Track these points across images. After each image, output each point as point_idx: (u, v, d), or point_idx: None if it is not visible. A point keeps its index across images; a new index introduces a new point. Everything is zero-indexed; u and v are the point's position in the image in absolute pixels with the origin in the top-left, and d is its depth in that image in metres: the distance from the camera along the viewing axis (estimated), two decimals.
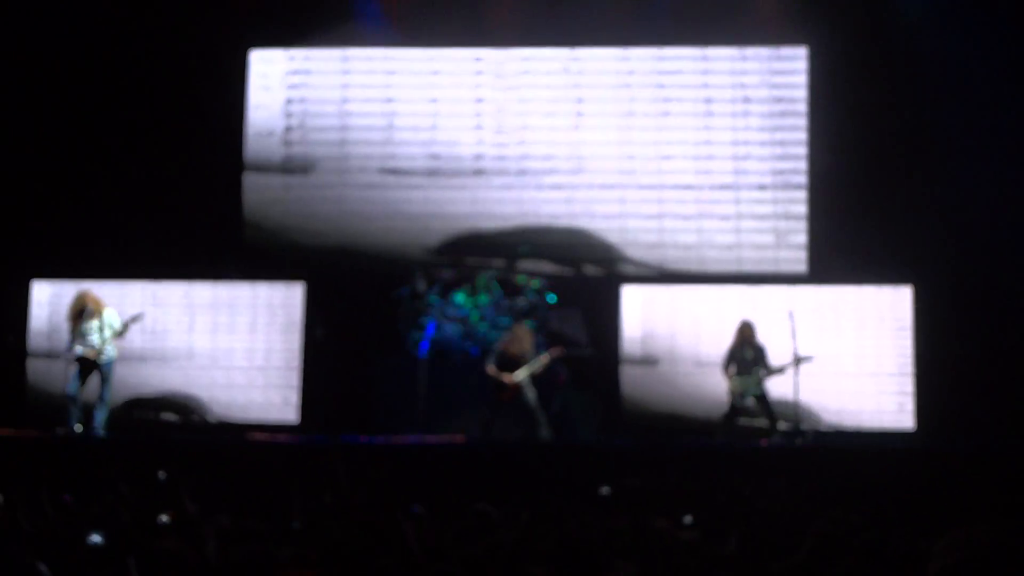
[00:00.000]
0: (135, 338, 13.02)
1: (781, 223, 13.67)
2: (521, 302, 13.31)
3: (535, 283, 13.53)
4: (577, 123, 13.94)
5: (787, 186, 13.70)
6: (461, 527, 6.54)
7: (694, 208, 13.75)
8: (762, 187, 13.73)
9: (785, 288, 13.31)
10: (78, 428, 11.74)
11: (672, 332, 13.54)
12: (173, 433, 12.70)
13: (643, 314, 13.60)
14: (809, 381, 12.54)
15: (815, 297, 13.27)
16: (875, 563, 5.15)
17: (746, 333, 12.18)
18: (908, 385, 13.09)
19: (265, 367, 13.71)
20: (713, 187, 13.77)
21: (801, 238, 13.61)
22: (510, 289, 13.46)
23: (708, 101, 13.86)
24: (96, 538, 5.56)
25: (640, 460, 10.64)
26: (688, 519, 6.94)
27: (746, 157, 13.74)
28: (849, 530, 6.26)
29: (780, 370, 11.95)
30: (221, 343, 13.80)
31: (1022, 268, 12.88)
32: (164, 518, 6.38)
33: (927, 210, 13.22)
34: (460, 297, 13.47)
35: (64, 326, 12.33)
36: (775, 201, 13.70)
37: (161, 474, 9.20)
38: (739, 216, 13.73)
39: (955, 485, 9.43)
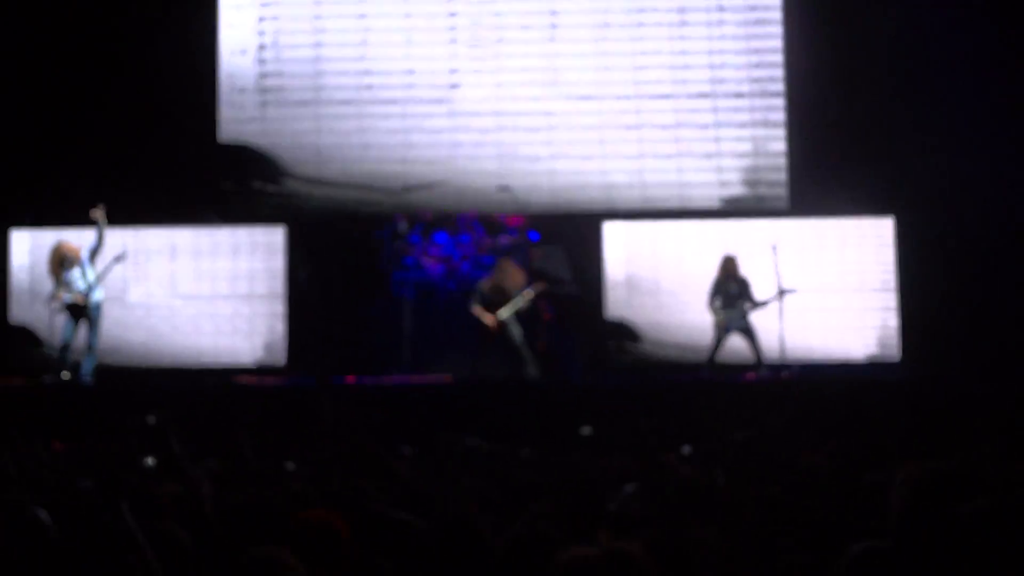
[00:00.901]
0: (117, 285, 12.99)
1: (759, 132, 13.63)
2: (503, 240, 13.29)
3: (518, 220, 13.50)
4: (552, 35, 13.82)
5: (766, 119, 13.66)
6: (452, 462, 6.60)
7: (671, 118, 13.69)
8: (739, 104, 13.68)
9: (767, 221, 13.31)
10: (65, 376, 11.74)
11: (655, 268, 13.55)
12: (161, 379, 12.67)
13: (625, 250, 13.60)
14: (793, 314, 12.61)
15: (797, 230, 13.29)
16: (850, 492, 5.22)
17: (729, 267, 12.22)
18: (892, 317, 13.17)
19: (250, 311, 13.68)
20: (690, 95, 13.70)
21: (780, 146, 13.58)
22: (492, 227, 13.44)
23: (683, 22, 13.75)
24: (89, 483, 5.60)
25: (627, 397, 10.71)
26: (687, 449, 7.02)
27: (722, 67, 13.68)
28: (837, 461, 6.34)
29: (764, 303, 12.02)
30: (204, 288, 13.75)
31: (1004, 197, 12.90)
32: (150, 461, 6.40)
33: (907, 139, 13.22)
34: (442, 236, 13.45)
35: (45, 277, 12.28)
36: (752, 120, 13.66)
37: (150, 418, 9.23)
38: (717, 125, 13.68)
39: (936, 417, 9.52)
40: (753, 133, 13.69)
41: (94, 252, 11.81)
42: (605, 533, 4.25)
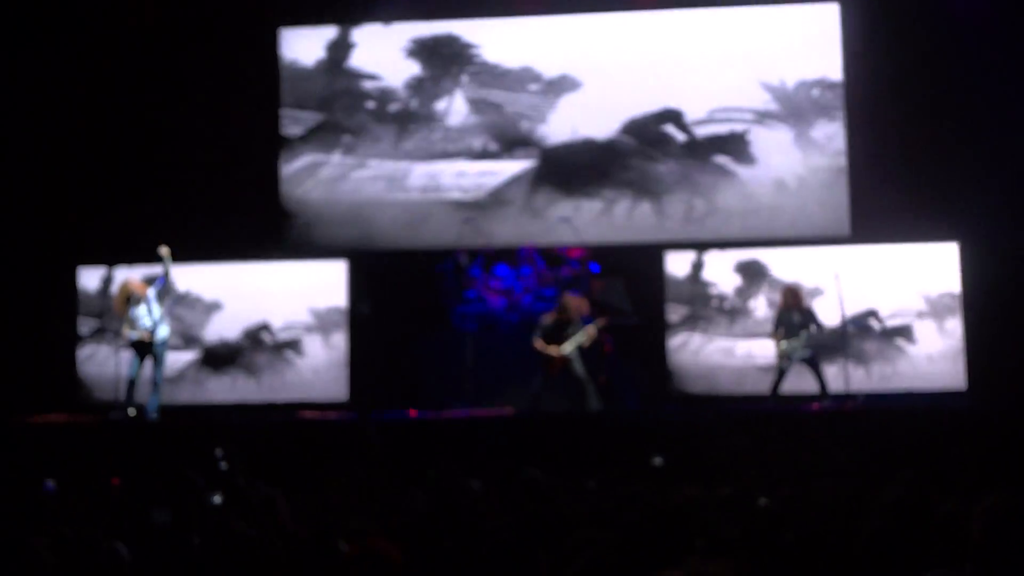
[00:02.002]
0: (184, 321, 13.18)
1: (821, 158, 13.57)
2: (564, 272, 13.27)
3: (579, 252, 13.49)
4: (620, 87, 13.89)
5: (827, 145, 13.60)
6: (513, 495, 6.58)
7: (732, 145, 13.68)
8: (800, 130, 13.63)
9: (830, 249, 13.22)
10: (131, 412, 11.85)
11: (718, 297, 13.50)
12: (226, 415, 12.77)
13: (688, 280, 13.56)
14: (858, 342, 12.52)
15: (861, 257, 13.17)
16: (924, 523, 5.15)
17: (791, 296, 12.12)
18: (958, 345, 13.00)
19: (312, 346, 13.79)
20: (752, 121, 13.69)
21: (842, 172, 13.49)
22: (552, 259, 13.43)
23: (743, 59, 13.76)
24: (162, 516, 5.64)
25: (690, 428, 10.64)
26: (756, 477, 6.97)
27: (783, 92, 13.64)
28: (913, 493, 6.26)
29: (829, 332, 11.91)
30: (269, 321, 13.87)
31: None
32: (217, 498, 6.44)
33: (971, 165, 13.09)
34: (503, 269, 13.45)
35: (113, 314, 12.44)
36: (814, 146, 13.62)
37: (218, 452, 9.30)
38: (779, 152, 13.64)
39: (1007, 445, 9.38)
40: (815, 159, 13.62)
41: (161, 291, 11.94)
42: (695, 558, 4.24)
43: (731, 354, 13.36)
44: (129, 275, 12.45)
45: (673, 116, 13.85)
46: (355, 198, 14.15)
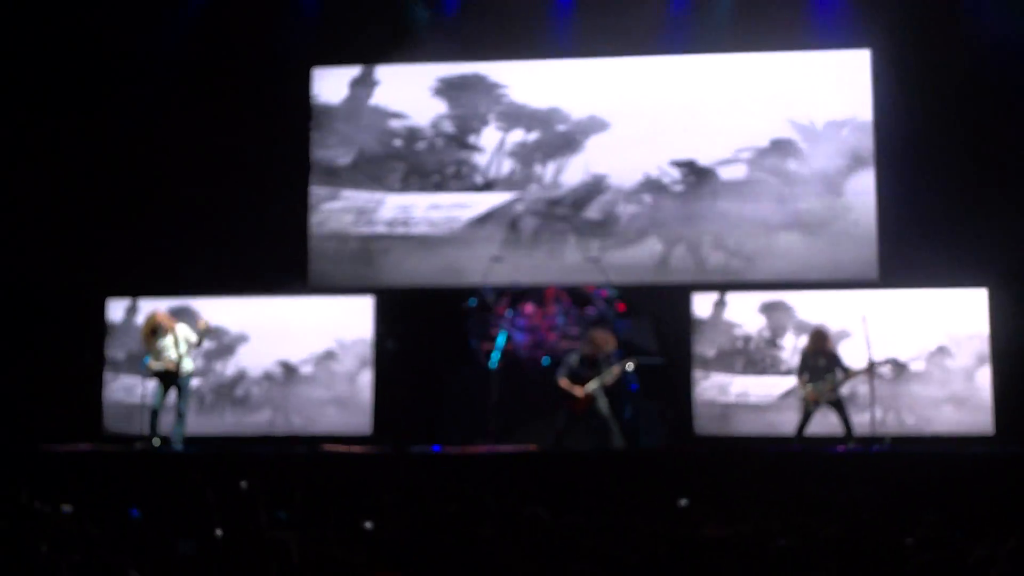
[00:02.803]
0: (211, 353, 13.26)
1: (850, 202, 13.54)
2: (591, 311, 13.27)
3: (606, 292, 13.49)
4: (648, 129, 13.93)
5: (856, 188, 13.58)
6: (516, 530, 6.55)
7: (761, 188, 13.68)
8: (828, 194, 13.63)
9: (857, 293, 13.18)
10: (156, 443, 11.89)
11: (744, 338, 13.47)
12: (250, 447, 12.79)
13: (714, 322, 13.54)
14: (885, 386, 12.45)
15: (888, 301, 13.12)
16: (951, 568, 5.11)
17: (819, 339, 12.08)
18: (986, 389, 12.91)
19: (338, 380, 13.83)
20: (779, 165, 13.68)
21: (870, 216, 13.46)
22: (579, 298, 13.43)
23: (773, 104, 13.79)
24: (187, 547, 5.66)
25: (713, 469, 10.58)
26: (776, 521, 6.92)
27: (812, 136, 13.64)
28: (937, 537, 6.20)
29: (854, 375, 11.85)
30: (295, 357, 13.93)
31: None
32: (219, 532, 6.43)
33: (1000, 210, 13.05)
34: (529, 307, 13.46)
35: (139, 345, 12.52)
36: (843, 189, 13.60)
37: (243, 484, 9.29)
38: (807, 195, 13.62)
39: None
40: (843, 202, 13.60)
41: (189, 346, 12.06)
42: None
43: (755, 395, 13.32)
44: (156, 307, 12.56)
45: (704, 158, 13.87)
46: (380, 235, 14.21)
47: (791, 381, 12.48)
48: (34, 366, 13.72)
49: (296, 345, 13.95)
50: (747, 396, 13.35)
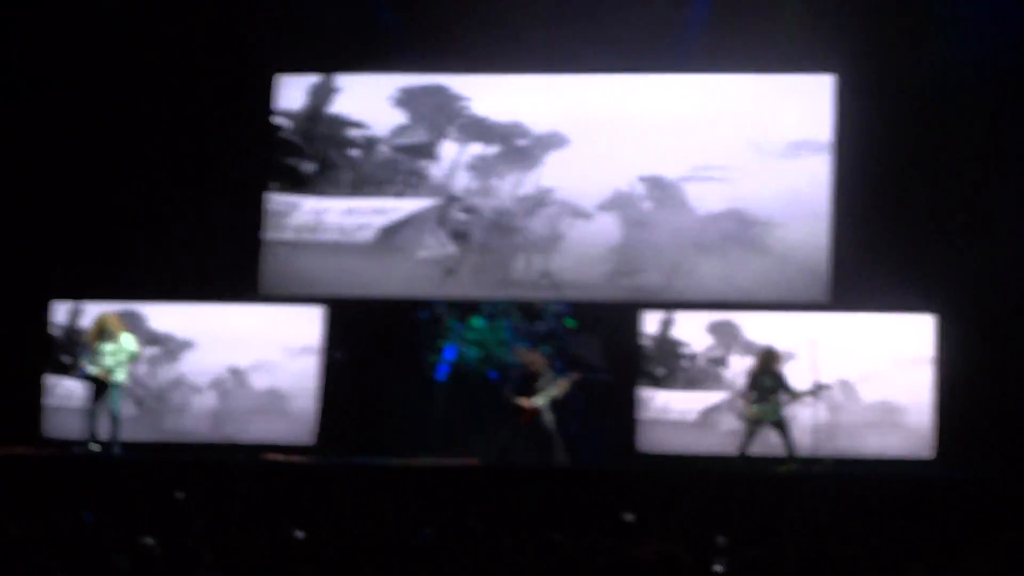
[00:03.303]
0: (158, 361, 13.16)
1: (802, 226, 13.57)
2: (540, 326, 13.25)
3: (554, 308, 13.48)
4: (607, 147, 13.94)
5: (810, 212, 13.61)
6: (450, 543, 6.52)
7: (714, 207, 13.70)
8: (783, 215, 13.67)
9: (806, 316, 13.21)
10: (94, 447, 11.76)
11: (691, 358, 13.47)
12: (190, 454, 12.66)
13: (662, 340, 13.54)
14: (829, 409, 12.49)
15: (836, 325, 13.16)
16: None
17: (767, 359, 12.11)
18: (929, 414, 12.97)
19: (282, 388, 13.73)
20: (731, 187, 13.71)
21: (823, 241, 13.49)
22: (529, 313, 13.41)
23: (733, 125, 13.82)
24: (121, 561, 5.62)
25: (657, 486, 10.58)
26: (720, 541, 6.91)
27: (766, 159, 13.68)
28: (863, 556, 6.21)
29: (799, 397, 11.88)
30: (243, 364, 13.82)
31: None
32: (149, 540, 6.35)
33: (952, 238, 13.14)
34: (479, 321, 13.43)
35: (82, 347, 12.39)
36: (795, 213, 13.62)
37: (179, 495, 9.21)
38: (760, 218, 13.66)
39: (973, 514, 9.34)
40: (798, 225, 13.62)
41: (129, 357, 11.92)
42: None
43: (700, 414, 13.32)
44: (108, 310, 12.39)
45: (661, 176, 13.87)
46: (333, 246, 14.12)
47: (736, 399, 12.50)
48: None
49: (243, 353, 13.82)
50: (691, 414, 13.34)
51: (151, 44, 13.99)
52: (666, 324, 13.56)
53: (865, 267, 13.11)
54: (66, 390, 13.41)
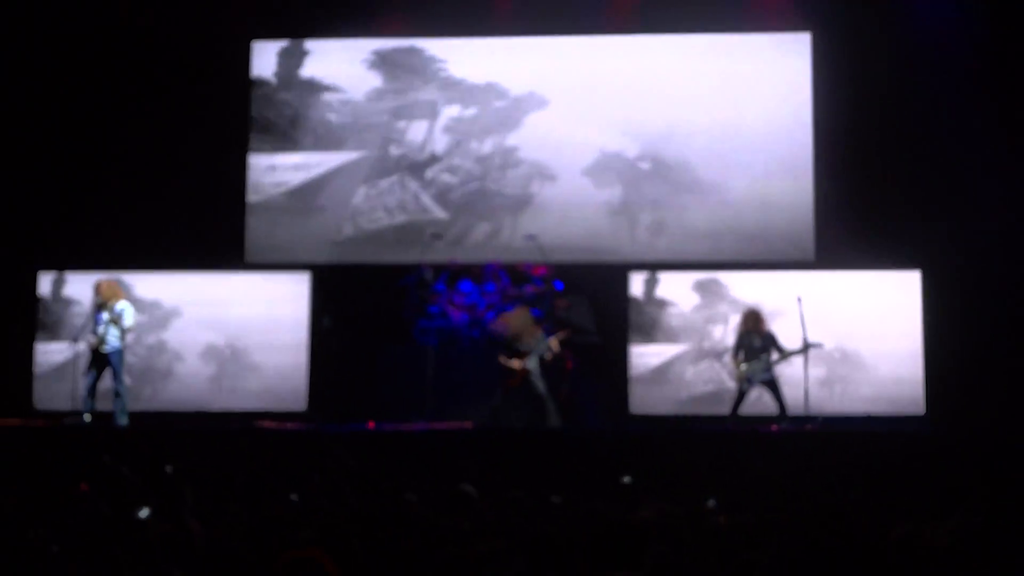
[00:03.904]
0: (143, 329, 13.11)
1: (786, 184, 13.61)
2: (528, 289, 13.24)
3: (542, 270, 13.48)
4: (588, 108, 13.92)
5: (793, 170, 13.64)
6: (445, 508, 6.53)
7: (699, 169, 13.71)
8: (765, 174, 13.69)
9: (793, 274, 13.25)
10: (87, 418, 11.73)
11: (680, 319, 13.51)
12: (182, 423, 12.66)
13: (651, 300, 13.57)
14: (819, 367, 12.55)
15: (823, 283, 13.20)
16: (876, 546, 5.14)
17: (752, 320, 12.15)
18: (918, 370, 13.04)
19: (272, 356, 13.72)
20: (718, 147, 13.72)
21: (807, 198, 13.54)
22: (517, 276, 13.40)
23: (713, 85, 13.82)
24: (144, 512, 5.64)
25: (649, 447, 10.62)
26: (711, 503, 6.94)
27: (750, 120, 13.69)
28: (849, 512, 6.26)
29: (789, 355, 11.93)
30: (232, 332, 13.80)
31: None
32: (144, 512, 6.35)
33: (935, 193, 13.18)
34: (467, 285, 13.42)
35: (72, 320, 12.33)
36: (779, 172, 13.65)
37: (168, 468, 9.20)
38: (745, 177, 13.67)
39: (963, 469, 9.40)
40: (780, 185, 13.65)
41: (118, 325, 11.80)
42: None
43: (691, 374, 13.38)
44: (107, 278, 12.26)
45: (642, 137, 13.87)
46: (317, 209, 14.11)
47: (725, 359, 12.57)
48: None
49: (231, 320, 13.81)
50: (682, 375, 13.40)
51: (131, 15, 13.91)
52: (652, 284, 13.59)
53: (848, 225, 13.16)
54: (56, 360, 13.38)
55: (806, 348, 11.80)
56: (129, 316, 11.84)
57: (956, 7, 13.18)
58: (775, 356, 11.94)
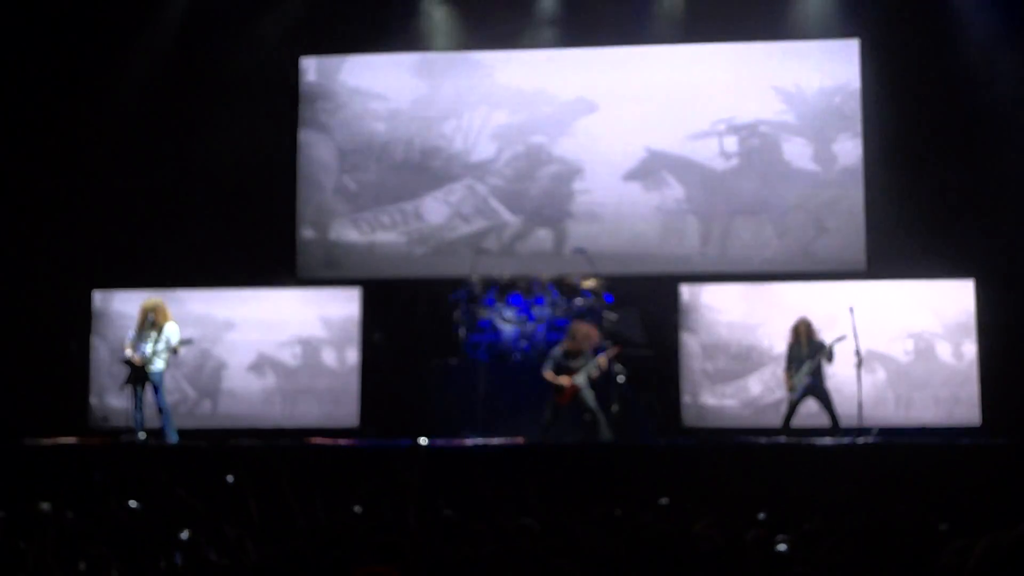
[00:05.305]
0: (198, 345, 13.22)
1: (837, 193, 13.55)
2: (578, 302, 13.23)
3: (592, 283, 13.45)
4: (639, 121, 13.92)
5: (844, 180, 13.58)
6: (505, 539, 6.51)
7: (752, 201, 13.68)
8: (818, 180, 13.64)
9: (844, 284, 13.16)
10: (142, 436, 11.82)
11: (731, 329, 13.45)
12: (235, 439, 12.74)
13: (702, 312, 13.53)
14: (871, 377, 12.45)
15: (875, 292, 13.11)
16: (930, 557, 5.10)
17: (803, 331, 12.05)
18: (973, 380, 12.92)
19: (324, 371, 13.80)
20: (768, 176, 13.69)
21: (858, 207, 13.47)
22: (567, 290, 13.39)
23: (763, 94, 13.79)
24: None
25: (701, 460, 10.58)
26: (762, 516, 6.91)
27: (800, 128, 13.64)
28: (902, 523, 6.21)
29: (827, 353, 11.79)
30: (282, 349, 13.88)
31: None
32: (184, 535, 6.40)
33: (988, 202, 13.07)
34: (516, 299, 13.43)
35: (127, 333, 12.42)
36: (830, 181, 13.60)
37: (229, 478, 9.25)
38: (796, 208, 13.64)
39: (1021, 481, 9.30)
40: (830, 193, 13.59)
41: (167, 348, 11.90)
42: None
43: (743, 387, 13.31)
44: (154, 298, 12.37)
45: (693, 146, 13.86)
46: (368, 226, 14.18)
47: (777, 371, 12.50)
48: (19, 359, 13.65)
49: (283, 337, 13.89)
50: (733, 387, 13.34)
51: (181, 38, 14.09)
52: (701, 295, 13.55)
53: (901, 234, 13.07)
54: (111, 379, 13.51)
55: (858, 357, 11.64)
56: (176, 336, 11.94)
57: (1007, 13, 13.07)
58: (825, 365, 11.85)
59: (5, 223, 13.90)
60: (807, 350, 11.93)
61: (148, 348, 11.79)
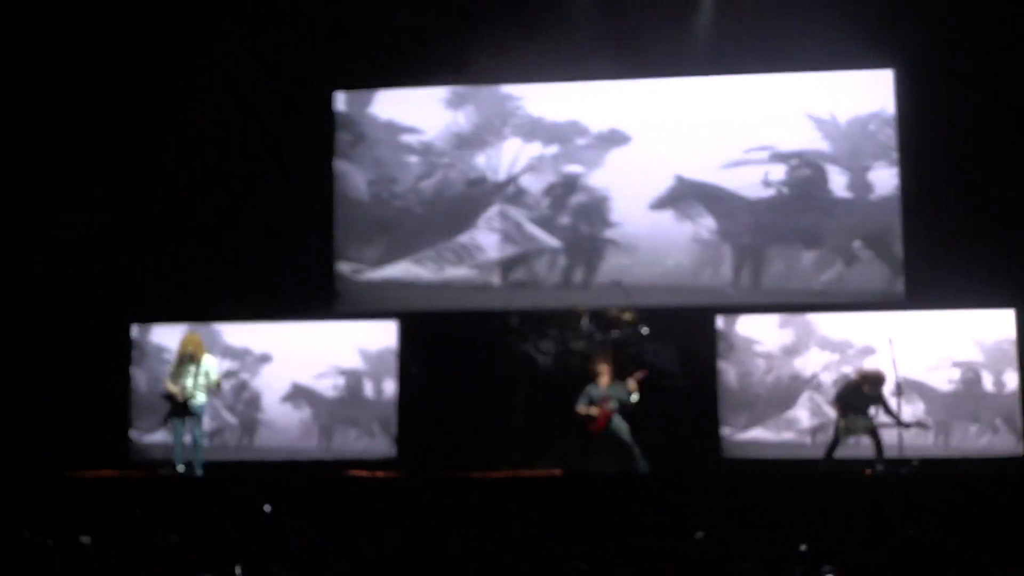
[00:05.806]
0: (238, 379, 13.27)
1: (876, 221, 13.49)
2: (615, 334, 13.20)
3: (628, 315, 13.43)
4: (666, 149, 13.93)
5: (883, 209, 13.52)
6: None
7: (787, 230, 13.65)
8: (855, 209, 13.60)
9: (883, 314, 13.09)
10: (181, 468, 11.87)
11: (768, 360, 13.39)
12: (274, 472, 12.77)
13: (739, 343, 13.48)
14: (910, 408, 12.36)
15: (915, 322, 13.03)
16: None
17: (871, 381, 11.88)
18: (1015, 411, 12.80)
19: (362, 404, 13.82)
20: (803, 206, 13.66)
21: (897, 238, 13.41)
22: (603, 322, 13.36)
23: (797, 122, 13.76)
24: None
25: (740, 492, 10.51)
26: (803, 548, 6.85)
27: (838, 157, 13.62)
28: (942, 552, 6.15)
29: (895, 425, 11.68)
30: (320, 381, 13.92)
31: None
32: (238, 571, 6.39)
33: None
34: (551, 330, 13.40)
35: (164, 368, 12.50)
36: (869, 210, 13.54)
37: (267, 508, 9.27)
38: (832, 236, 13.59)
39: None
40: (870, 222, 13.54)
41: (208, 383, 11.98)
42: None
43: (781, 418, 13.23)
44: (192, 331, 12.46)
45: (728, 176, 13.84)
46: (403, 259, 14.22)
47: (819, 401, 12.42)
48: (58, 391, 13.73)
49: (320, 369, 13.93)
50: (773, 418, 13.26)
51: (216, 70, 14.18)
52: (738, 325, 13.50)
53: (940, 263, 12.99)
54: (151, 412, 13.57)
55: (918, 425, 11.58)
56: (215, 370, 12.03)
57: None
58: (882, 418, 11.74)
59: (44, 257, 14.00)
60: (869, 401, 11.76)
61: (189, 382, 11.87)
